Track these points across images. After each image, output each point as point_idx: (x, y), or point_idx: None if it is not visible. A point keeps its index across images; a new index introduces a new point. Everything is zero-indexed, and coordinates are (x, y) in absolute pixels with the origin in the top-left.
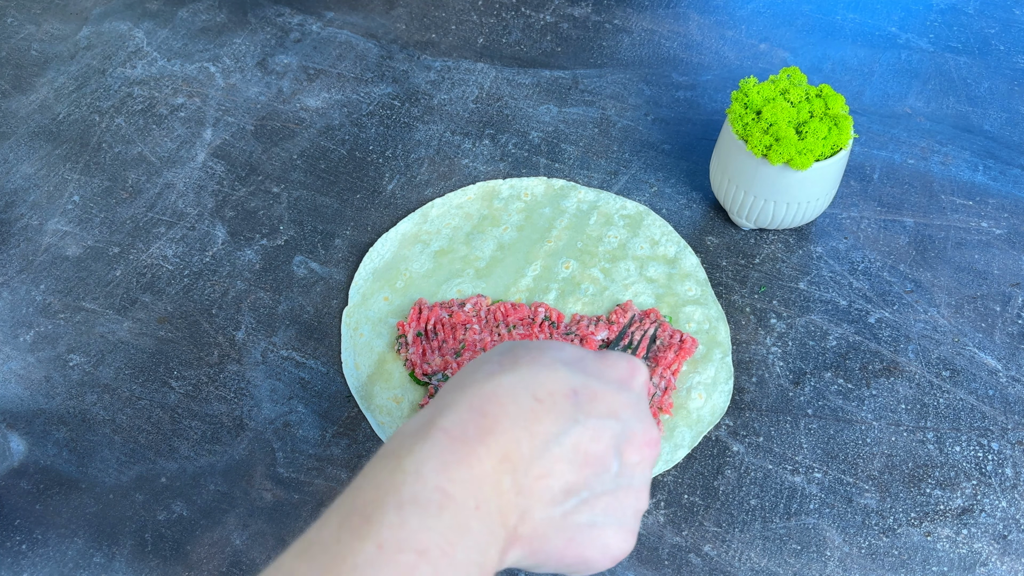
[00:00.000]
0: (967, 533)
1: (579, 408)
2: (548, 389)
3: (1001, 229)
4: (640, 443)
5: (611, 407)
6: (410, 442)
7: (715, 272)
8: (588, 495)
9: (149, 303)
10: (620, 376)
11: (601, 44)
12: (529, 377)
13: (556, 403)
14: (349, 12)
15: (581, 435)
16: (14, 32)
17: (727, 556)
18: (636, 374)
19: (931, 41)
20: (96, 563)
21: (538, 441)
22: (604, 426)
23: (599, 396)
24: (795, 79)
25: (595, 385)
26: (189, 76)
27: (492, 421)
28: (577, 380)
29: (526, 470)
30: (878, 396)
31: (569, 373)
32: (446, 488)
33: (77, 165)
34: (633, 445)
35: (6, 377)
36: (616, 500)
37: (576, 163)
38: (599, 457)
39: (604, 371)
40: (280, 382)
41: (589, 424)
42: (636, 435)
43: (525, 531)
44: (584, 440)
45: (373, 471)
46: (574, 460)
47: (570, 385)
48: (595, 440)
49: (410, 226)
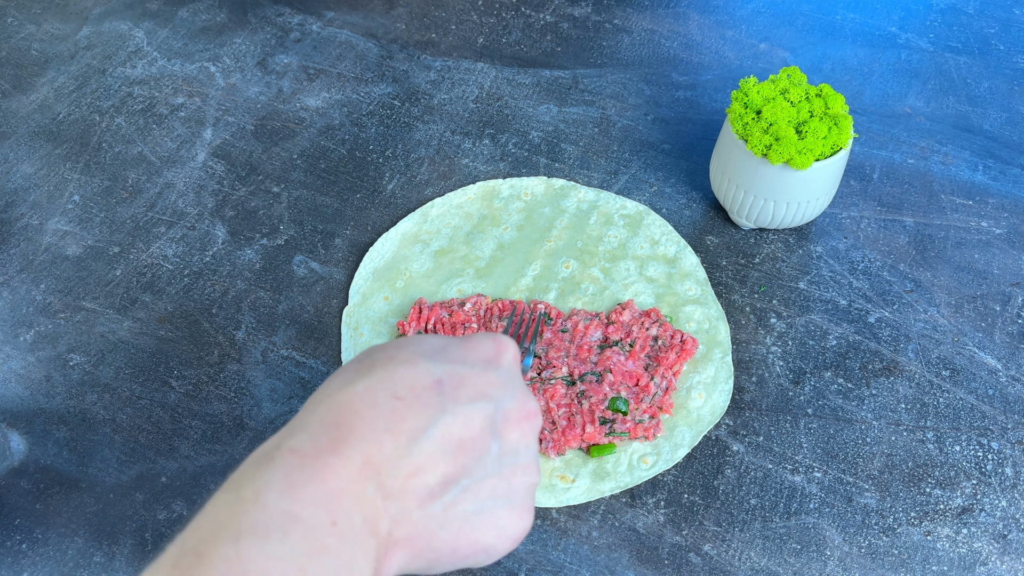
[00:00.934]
0: (967, 532)
1: (445, 397)
2: (409, 385)
3: (1001, 229)
4: (518, 418)
5: (480, 389)
6: (253, 469)
7: (715, 272)
8: (470, 482)
9: (149, 303)
10: (486, 356)
11: (601, 44)
12: (387, 377)
13: (419, 397)
14: (349, 12)
15: (451, 423)
16: (14, 32)
17: (727, 555)
18: (503, 351)
19: (931, 41)
20: (96, 562)
21: (403, 439)
22: (476, 409)
23: (466, 380)
24: (795, 79)
25: (461, 370)
26: (189, 76)
27: (347, 430)
28: (440, 369)
29: (393, 472)
30: (878, 396)
31: (431, 364)
32: (292, 510)
33: (77, 165)
34: (511, 422)
35: (6, 377)
36: (503, 481)
37: (576, 163)
38: (475, 442)
39: (468, 355)
40: (280, 382)
41: (459, 411)
42: (512, 411)
43: (403, 534)
44: (456, 428)
45: (212, 505)
46: (447, 450)
47: (433, 376)
48: (468, 426)
49: (410, 226)
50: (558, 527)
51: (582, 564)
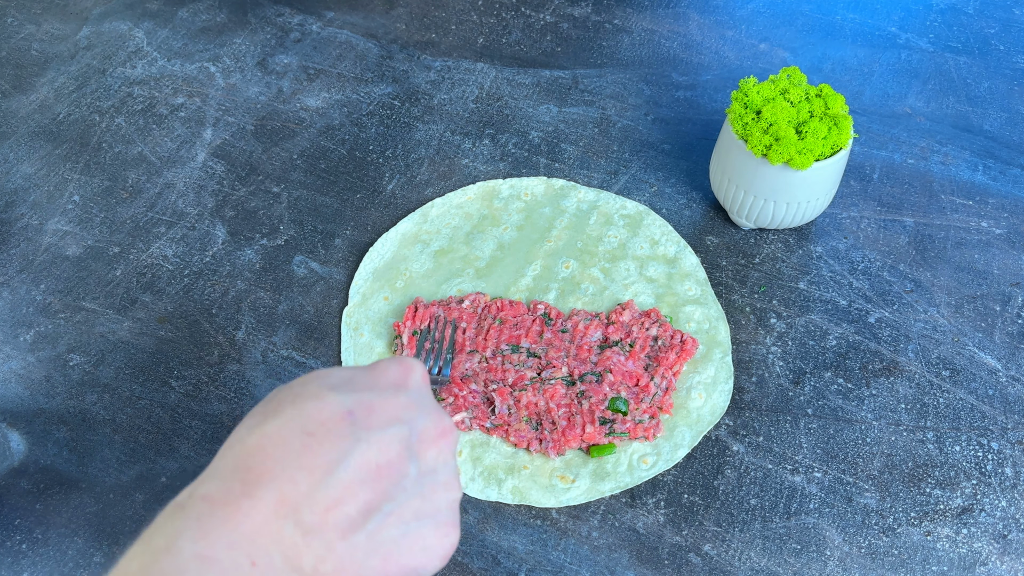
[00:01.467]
0: (967, 533)
1: (358, 426)
2: (318, 419)
3: (1001, 229)
4: (434, 436)
5: (392, 413)
6: (164, 520)
7: (715, 272)
8: (392, 507)
9: (149, 303)
10: (394, 380)
11: (601, 44)
12: (295, 415)
13: (331, 430)
14: (349, 12)
15: (366, 451)
16: (14, 32)
17: (727, 556)
18: (410, 373)
19: (931, 41)
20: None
21: (318, 474)
22: (390, 434)
23: (376, 407)
24: (795, 79)
25: (370, 397)
26: (189, 76)
27: (258, 472)
28: (349, 399)
29: (310, 507)
30: (878, 396)
31: (338, 396)
32: (207, 554)
33: (77, 165)
34: (426, 442)
35: (6, 377)
36: (425, 501)
37: (576, 163)
38: (392, 466)
39: (376, 381)
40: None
41: (372, 438)
42: (427, 430)
43: (329, 568)
44: (371, 455)
45: (124, 560)
46: (365, 478)
47: (343, 407)
48: (383, 451)
49: (410, 226)
50: (558, 527)
51: (582, 564)
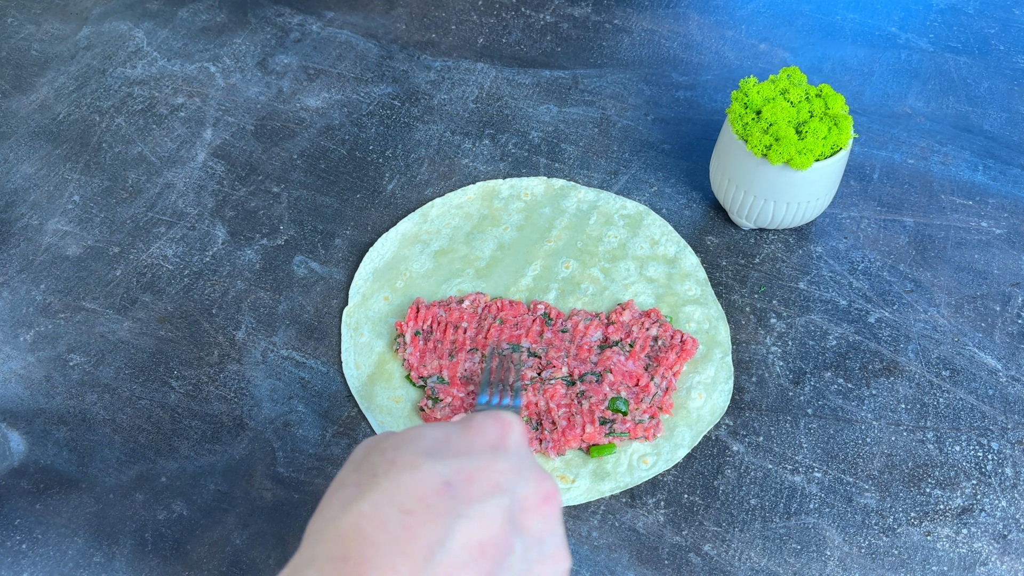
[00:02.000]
0: (967, 533)
1: (457, 499)
2: (416, 495)
3: (1001, 229)
4: (537, 504)
5: (492, 482)
6: None
7: (715, 272)
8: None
9: (149, 303)
10: (491, 441)
11: (601, 44)
12: (392, 490)
13: (429, 506)
14: (349, 12)
15: (468, 529)
16: (14, 32)
17: (727, 556)
18: (508, 431)
19: (931, 41)
20: (96, 563)
21: (419, 559)
22: (491, 506)
23: (475, 475)
24: (795, 79)
25: (467, 465)
26: (189, 76)
27: (357, 563)
28: (446, 469)
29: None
30: (878, 396)
31: (435, 464)
32: None
33: (77, 165)
34: (530, 511)
35: (6, 377)
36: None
37: (576, 163)
38: (496, 543)
39: (472, 443)
40: (280, 382)
41: (473, 512)
42: (529, 498)
43: None
44: (473, 532)
45: None
46: (469, 559)
47: (440, 478)
48: (485, 527)
49: (410, 226)
50: None
51: (582, 564)
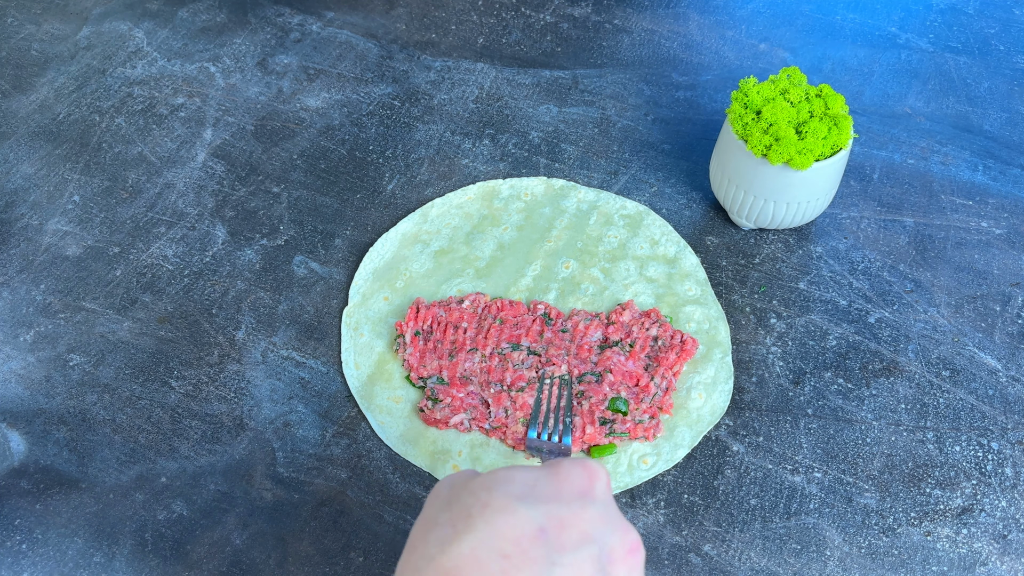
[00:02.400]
0: (967, 533)
1: (551, 547)
2: (512, 538)
3: (1001, 229)
4: (623, 555)
5: (583, 530)
6: None
7: (715, 272)
8: None
9: (149, 303)
10: (580, 489)
11: (601, 44)
12: (489, 533)
13: (525, 551)
14: (349, 12)
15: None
16: (14, 32)
17: (727, 556)
18: (595, 479)
19: (931, 41)
20: (96, 563)
21: None
22: (583, 557)
23: (567, 523)
24: (795, 79)
25: (559, 512)
26: (189, 76)
27: None
28: (539, 514)
29: None
30: (878, 396)
31: (528, 509)
32: None
33: (77, 165)
34: (617, 561)
35: (6, 377)
36: None
37: (576, 163)
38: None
39: (562, 489)
40: (280, 382)
41: (566, 562)
42: (616, 549)
43: None
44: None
45: None
46: None
47: (535, 524)
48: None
49: (410, 226)
50: None
51: None
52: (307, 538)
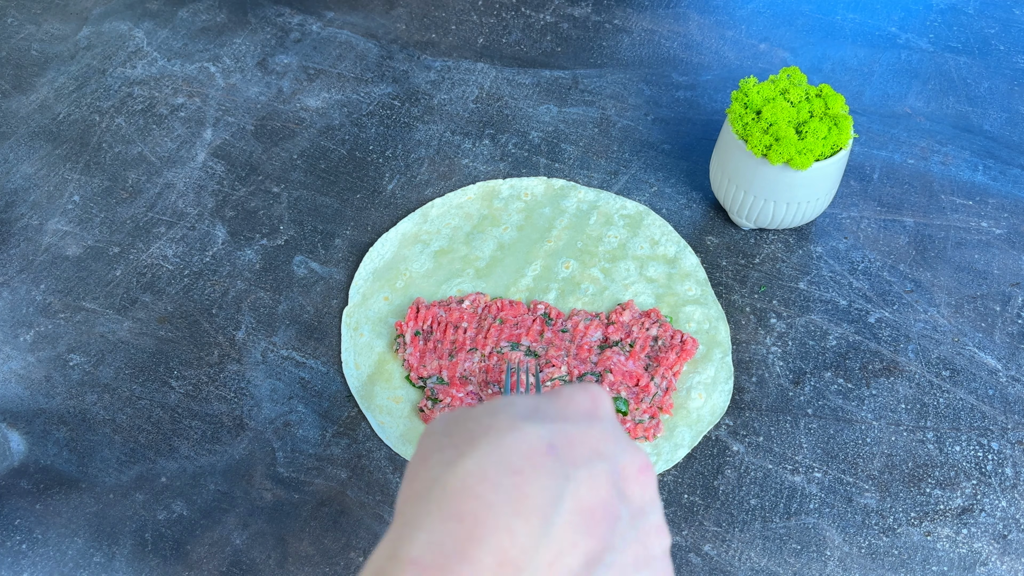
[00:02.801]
0: (967, 533)
1: (563, 461)
2: (522, 453)
3: (1001, 229)
4: (635, 473)
5: (593, 447)
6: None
7: (715, 272)
8: (613, 557)
9: (149, 303)
10: (585, 409)
11: (601, 44)
12: (496, 449)
13: (537, 466)
14: (349, 12)
15: (578, 491)
16: (14, 32)
17: (727, 556)
18: (599, 401)
19: (931, 41)
20: (96, 563)
21: (535, 521)
22: (596, 470)
23: (576, 440)
24: (795, 79)
25: (567, 429)
26: (189, 76)
27: (471, 523)
28: (547, 431)
29: (533, 563)
30: (878, 396)
31: (535, 427)
32: None
33: (77, 165)
34: (630, 479)
35: (6, 377)
36: (642, 547)
37: (576, 163)
38: (606, 507)
39: (567, 410)
40: (280, 382)
41: (580, 475)
42: (628, 466)
43: None
44: (583, 494)
45: None
46: (582, 523)
47: (543, 439)
48: (594, 490)
49: (410, 226)
50: None
51: None
52: (307, 538)
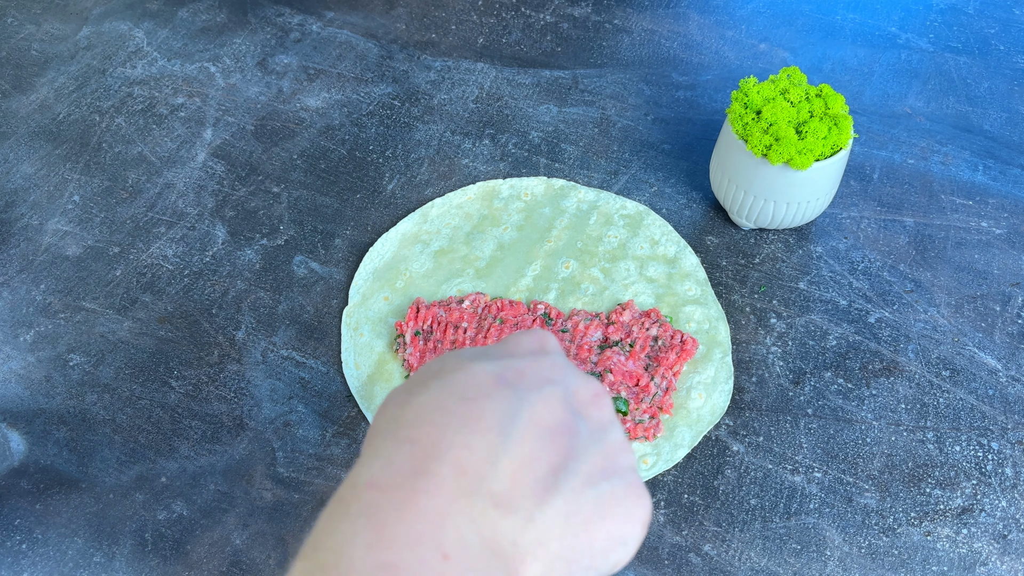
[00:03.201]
0: (967, 533)
1: (514, 387)
2: (472, 385)
3: (1001, 229)
4: (589, 397)
5: (543, 375)
6: (328, 523)
7: (715, 272)
8: (577, 465)
9: (149, 303)
10: (532, 347)
11: (601, 44)
12: (448, 384)
13: (489, 393)
14: (349, 12)
15: (533, 409)
16: (14, 32)
17: (727, 556)
18: (545, 340)
19: (931, 41)
20: (96, 563)
21: (492, 435)
22: (549, 393)
23: (525, 370)
24: (795, 79)
25: (515, 363)
26: (189, 76)
27: (427, 444)
28: (495, 366)
29: (495, 472)
30: (878, 396)
31: (485, 363)
32: (387, 559)
33: (77, 165)
34: (584, 402)
35: (6, 377)
36: (606, 459)
37: (576, 163)
38: (563, 423)
39: (514, 350)
40: (280, 382)
41: (532, 397)
42: (581, 391)
43: (530, 540)
44: (539, 413)
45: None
46: (541, 435)
47: (491, 373)
48: (549, 408)
49: (410, 226)
50: None
51: None
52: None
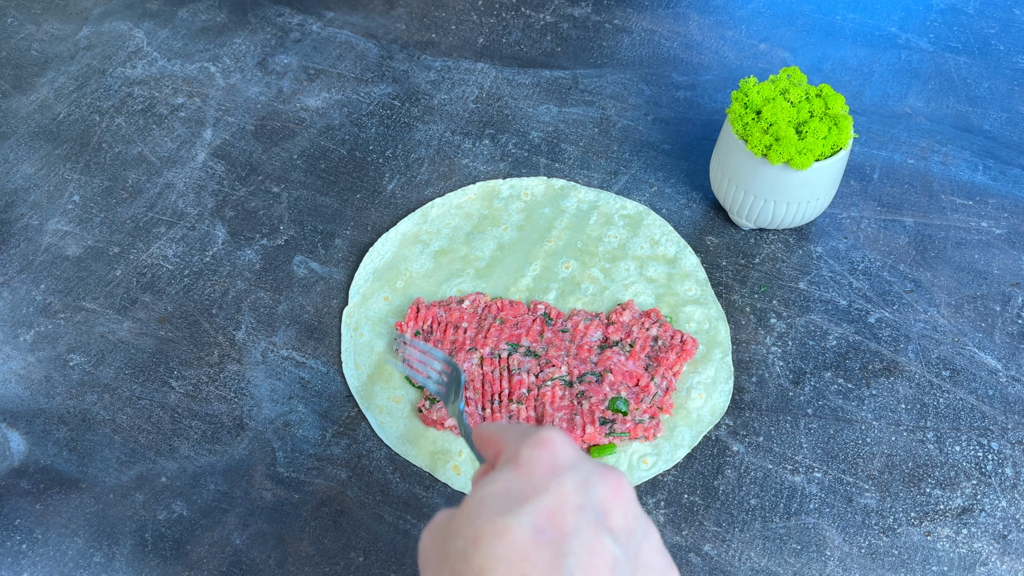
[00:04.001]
0: (967, 533)
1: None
2: (515, 555)
3: (1001, 229)
4: (614, 501)
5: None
6: None
7: (715, 272)
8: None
9: (149, 303)
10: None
11: (601, 44)
12: (490, 559)
13: (536, 563)
14: (349, 12)
15: (579, 562)
16: (14, 32)
17: (727, 556)
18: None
19: (931, 41)
20: (96, 563)
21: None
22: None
23: (554, 510)
24: (795, 79)
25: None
26: (189, 76)
27: None
28: (527, 518)
29: None
30: (878, 396)
31: (516, 518)
32: None
33: (77, 165)
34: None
35: (6, 377)
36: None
37: (576, 163)
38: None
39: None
40: (280, 382)
41: (573, 547)
42: (606, 500)
43: None
44: (584, 562)
45: None
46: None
47: (529, 529)
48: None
49: (410, 226)
50: None
51: None
52: (307, 538)
